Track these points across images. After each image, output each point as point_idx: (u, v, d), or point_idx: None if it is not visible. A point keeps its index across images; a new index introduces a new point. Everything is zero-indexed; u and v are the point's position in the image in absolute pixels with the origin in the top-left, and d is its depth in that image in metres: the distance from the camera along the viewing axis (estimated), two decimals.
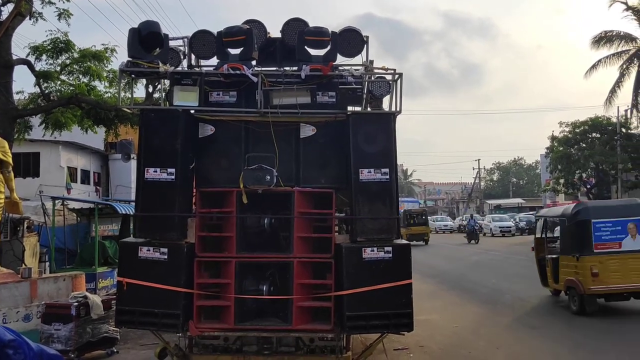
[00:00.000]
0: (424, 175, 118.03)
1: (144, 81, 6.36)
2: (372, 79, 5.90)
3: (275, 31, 6.23)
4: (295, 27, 6.00)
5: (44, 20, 12.99)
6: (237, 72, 5.59)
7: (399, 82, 5.68)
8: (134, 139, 6.63)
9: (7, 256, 10.41)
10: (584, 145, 32.25)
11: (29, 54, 13.33)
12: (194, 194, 5.72)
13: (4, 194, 7.96)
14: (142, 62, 5.56)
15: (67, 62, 13.54)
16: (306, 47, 5.75)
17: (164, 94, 6.37)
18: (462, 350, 7.68)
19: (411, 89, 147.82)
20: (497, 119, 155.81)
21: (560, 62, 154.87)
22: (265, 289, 5.48)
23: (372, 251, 5.25)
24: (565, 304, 10.38)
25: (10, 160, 8.11)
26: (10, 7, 11.89)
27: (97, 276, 11.66)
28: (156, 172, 5.35)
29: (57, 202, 12.79)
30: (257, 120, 5.64)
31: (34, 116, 14.01)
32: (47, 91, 13.56)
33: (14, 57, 12.71)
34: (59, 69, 13.61)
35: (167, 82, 6.21)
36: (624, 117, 31.19)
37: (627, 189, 30.38)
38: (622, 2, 29.41)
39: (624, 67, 29.99)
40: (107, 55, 13.77)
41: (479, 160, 70.82)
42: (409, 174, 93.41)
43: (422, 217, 33.06)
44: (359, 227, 5.36)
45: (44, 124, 14.02)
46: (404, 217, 30.70)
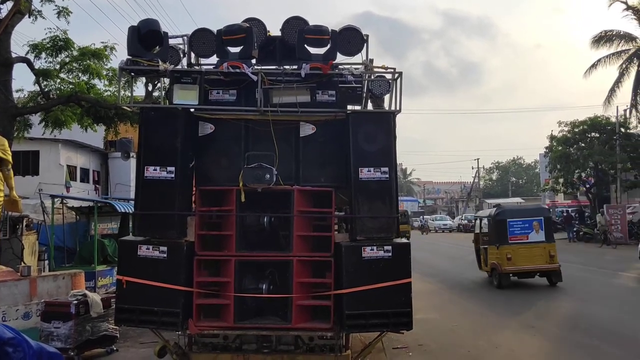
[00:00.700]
0: (423, 174, 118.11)
1: (144, 79, 6.35)
2: (372, 77, 5.90)
3: (275, 30, 6.24)
4: (295, 25, 6.00)
5: (43, 18, 12.99)
6: (237, 70, 5.59)
7: (399, 81, 5.68)
8: (133, 138, 6.63)
9: (6, 254, 10.42)
10: (583, 144, 32.29)
11: (28, 52, 13.33)
12: (194, 193, 5.72)
13: (3, 192, 7.95)
14: (141, 61, 5.55)
15: (67, 60, 13.53)
16: (306, 45, 5.75)
17: (164, 92, 6.37)
18: (461, 349, 7.69)
19: (410, 88, 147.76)
20: (496, 118, 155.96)
21: (559, 61, 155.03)
22: (264, 287, 5.48)
23: (371, 250, 5.25)
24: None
25: (9, 158, 8.10)
26: (9, 5, 11.87)
27: (97, 274, 11.66)
28: (156, 170, 5.34)
29: (56, 200, 12.77)
30: (257, 118, 5.64)
31: (33, 114, 14.01)
32: (46, 89, 13.56)
33: (14, 55, 12.70)
34: (58, 67, 13.60)
35: (166, 81, 6.20)
36: (623, 117, 31.21)
37: (626, 188, 30.43)
38: (622, 2, 29.46)
39: (624, 66, 30.04)
40: (107, 53, 13.77)
41: (478, 159, 70.99)
42: (409, 173, 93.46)
43: (404, 217, 35.46)
44: (359, 226, 5.36)
45: (44, 122, 14.01)
46: None
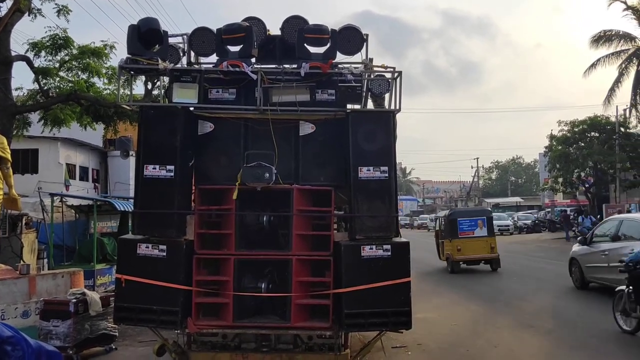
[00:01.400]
0: (422, 173, 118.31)
1: (143, 78, 6.36)
2: (372, 77, 5.90)
3: (274, 29, 6.23)
4: (294, 24, 5.99)
5: (43, 16, 12.98)
6: (237, 69, 5.58)
7: (399, 80, 5.67)
8: (133, 136, 6.63)
9: (5, 252, 10.41)
10: (583, 144, 32.32)
11: (27, 51, 13.34)
12: (193, 191, 5.72)
13: (2, 190, 7.95)
14: (141, 59, 5.54)
15: (66, 58, 13.54)
16: (306, 44, 5.74)
17: (163, 90, 6.37)
18: (460, 348, 7.69)
19: (410, 87, 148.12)
20: (496, 118, 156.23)
21: (559, 61, 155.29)
22: (263, 286, 5.48)
23: (370, 249, 5.24)
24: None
25: (9, 156, 8.10)
26: (9, 3, 11.87)
27: (96, 273, 11.65)
28: (155, 169, 5.34)
29: (55, 198, 12.77)
30: (257, 117, 5.63)
31: (32, 112, 14.01)
32: (46, 88, 13.56)
33: (13, 54, 12.70)
34: (58, 65, 13.60)
35: (166, 79, 6.20)
36: (623, 117, 31.24)
37: (625, 188, 30.46)
38: (621, 1, 29.45)
39: (623, 66, 30.05)
40: (106, 52, 13.78)
41: (478, 158, 71.11)
42: (408, 172, 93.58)
43: None
44: (358, 225, 5.36)
45: (43, 121, 14.02)
46: None
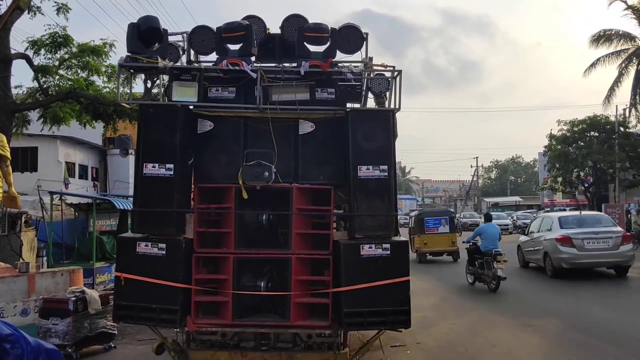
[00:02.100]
0: (422, 172, 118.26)
1: (143, 76, 6.35)
2: (372, 75, 5.90)
3: (274, 27, 6.23)
4: (294, 23, 5.99)
5: (43, 14, 12.95)
6: (236, 68, 5.58)
7: (398, 79, 5.67)
8: (132, 134, 6.62)
9: (4, 251, 10.40)
10: (582, 143, 32.33)
11: (27, 49, 13.31)
12: (193, 190, 5.72)
13: (2, 188, 7.95)
14: (141, 57, 5.53)
15: (66, 56, 13.52)
16: (305, 43, 5.74)
17: (163, 89, 6.36)
18: (458, 347, 7.70)
19: (409, 86, 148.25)
20: (495, 117, 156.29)
21: (559, 60, 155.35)
22: (263, 285, 5.48)
23: (370, 248, 5.25)
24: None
25: (8, 154, 8.09)
26: (8, 0, 11.85)
27: (95, 271, 11.65)
28: (154, 167, 5.34)
29: (55, 196, 12.77)
30: (256, 116, 5.63)
31: (32, 111, 14.00)
32: (45, 86, 13.54)
33: (13, 52, 12.68)
34: (57, 63, 13.59)
35: (166, 78, 6.19)
36: (623, 116, 31.24)
37: (624, 187, 30.46)
38: (621, 1, 29.44)
39: (623, 66, 30.06)
40: (106, 50, 13.76)
41: (477, 158, 71.11)
42: (407, 171, 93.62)
43: None
44: (357, 224, 5.36)
45: (42, 119, 14.00)
46: None
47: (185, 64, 6.05)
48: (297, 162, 5.67)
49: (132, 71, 6.19)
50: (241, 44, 5.77)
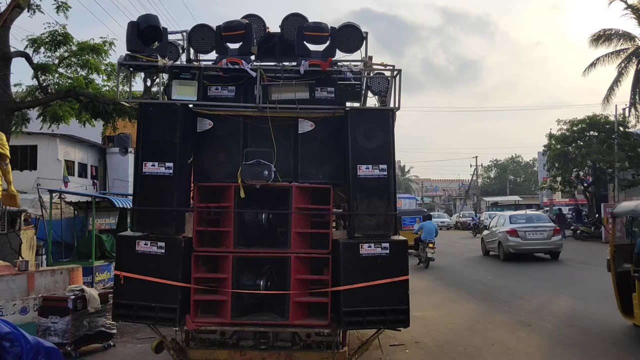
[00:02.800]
0: (421, 171, 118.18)
1: (143, 75, 6.35)
2: (371, 75, 5.90)
3: (274, 26, 6.23)
4: (294, 22, 5.99)
5: (42, 12, 12.98)
6: (236, 66, 5.58)
7: (398, 78, 5.67)
8: (131, 133, 6.62)
9: (4, 249, 10.40)
10: (582, 143, 32.26)
11: (27, 47, 13.32)
12: (192, 189, 5.72)
13: (1, 186, 7.95)
14: (140, 56, 5.53)
15: (65, 55, 13.53)
16: (305, 42, 5.74)
17: (163, 87, 6.36)
18: (457, 346, 7.71)
19: (408, 85, 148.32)
20: (494, 116, 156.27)
21: (559, 59, 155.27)
22: (262, 284, 5.48)
23: (369, 247, 5.25)
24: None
25: (7, 152, 8.09)
26: None
27: (94, 269, 11.66)
28: (154, 166, 5.34)
29: (54, 195, 12.77)
30: (256, 115, 5.64)
31: (31, 109, 14.01)
32: (44, 84, 13.55)
33: (12, 50, 12.68)
34: (57, 61, 13.59)
35: (165, 76, 6.20)
36: (622, 116, 31.19)
37: (623, 187, 30.43)
38: (621, 0, 29.44)
39: (622, 65, 30.05)
40: (106, 48, 13.79)
41: (477, 157, 70.90)
42: (407, 170, 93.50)
43: None
44: (357, 223, 5.36)
45: (42, 117, 14.01)
46: None
47: (184, 63, 6.05)
48: (297, 161, 5.67)
49: (131, 70, 6.20)
50: (241, 43, 5.77)
